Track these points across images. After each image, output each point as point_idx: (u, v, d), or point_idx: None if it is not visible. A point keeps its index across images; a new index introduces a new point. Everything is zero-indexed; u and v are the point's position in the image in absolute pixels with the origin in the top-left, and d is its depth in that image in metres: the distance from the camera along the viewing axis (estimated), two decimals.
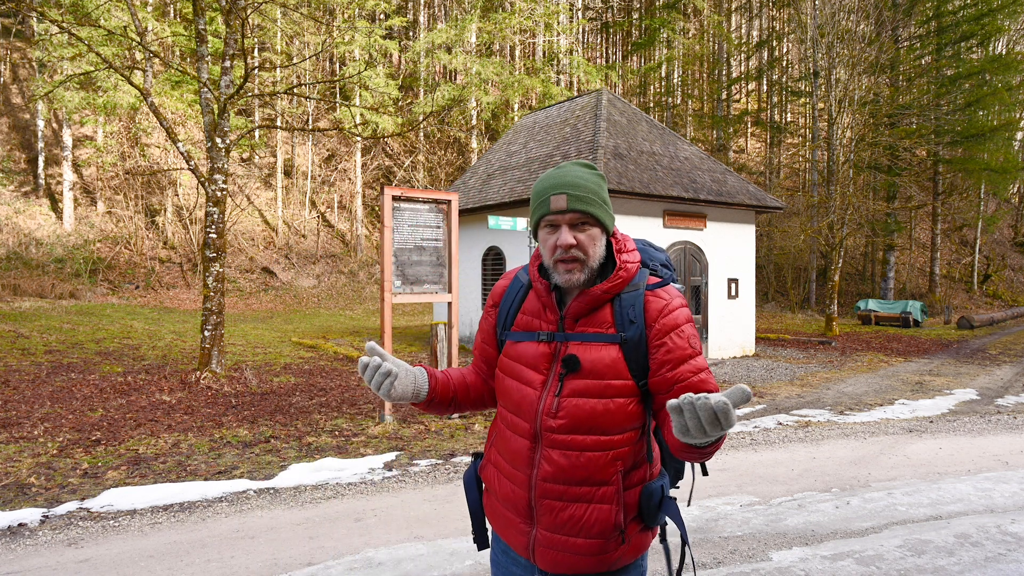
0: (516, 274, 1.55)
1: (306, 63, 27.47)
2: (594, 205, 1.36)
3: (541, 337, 1.41)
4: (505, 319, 1.51)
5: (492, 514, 1.51)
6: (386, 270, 6.60)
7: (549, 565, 1.39)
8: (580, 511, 1.34)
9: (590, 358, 1.35)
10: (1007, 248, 33.54)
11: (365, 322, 18.93)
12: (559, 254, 1.35)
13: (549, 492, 1.36)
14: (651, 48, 35.32)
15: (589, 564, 1.36)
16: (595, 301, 1.38)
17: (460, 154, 32.73)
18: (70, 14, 18.92)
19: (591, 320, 1.38)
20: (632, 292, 1.39)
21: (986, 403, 8.31)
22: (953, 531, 3.88)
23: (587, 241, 1.36)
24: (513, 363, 1.45)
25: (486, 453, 1.56)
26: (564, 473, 1.34)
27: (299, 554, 3.53)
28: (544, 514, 1.37)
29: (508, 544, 1.47)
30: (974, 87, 24.10)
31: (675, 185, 11.52)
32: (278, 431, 6.26)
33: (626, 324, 1.36)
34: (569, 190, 1.35)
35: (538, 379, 1.39)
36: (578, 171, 1.38)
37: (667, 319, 1.36)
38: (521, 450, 1.40)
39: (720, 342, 12.61)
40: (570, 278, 1.36)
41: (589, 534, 1.34)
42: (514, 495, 1.41)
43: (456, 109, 29.60)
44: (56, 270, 20.17)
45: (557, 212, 1.35)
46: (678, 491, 2.01)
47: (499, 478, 1.47)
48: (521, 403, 1.40)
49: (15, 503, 4.27)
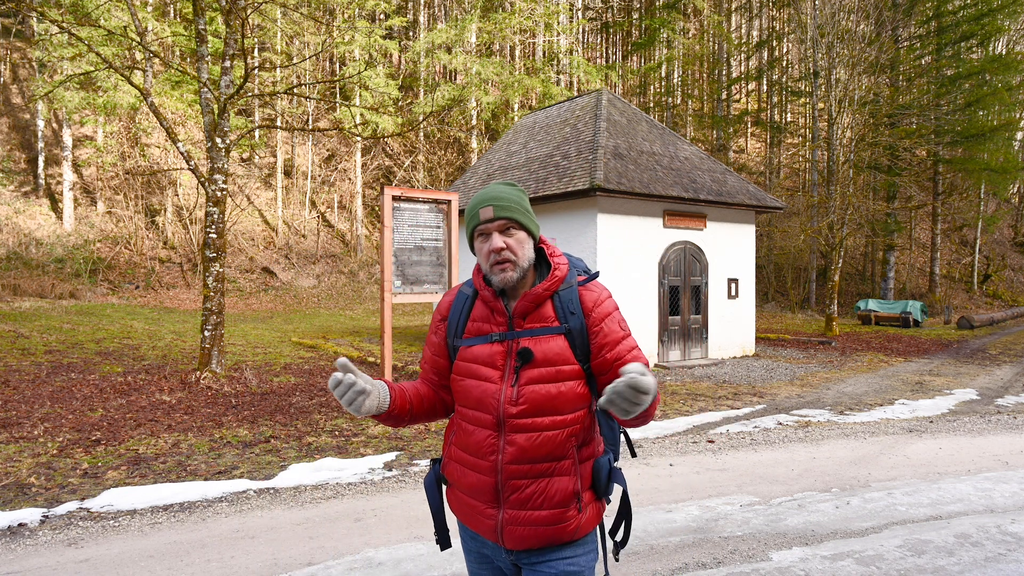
0: (460, 288, 1.73)
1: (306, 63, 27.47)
2: (517, 213, 1.56)
3: (494, 338, 1.58)
4: (456, 328, 1.66)
5: (458, 507, 1.66)
6: (386, 270, 6.60)
7: (515, 542, 1.54)
8: (543, 485, 1.52)
9: (541, 348, 1.54)
10: (1007, 248, 33.54)
11: (365, 322, 18.93)
12: (493, 258, 1.54)
13: (514, 473, 1.52)
14: (651, 48, 35.30)
15: (551, 534, 1.53)
16: (538, 299, 1.57)
17: (460, 154, 32.73)
18: (70, 14, 18.91)
19: (536, 316, 1.57)
20: (567, 289, 1.59)
21: (986, 403, 8.30)
22: (953, 531, 3.88)
23: (515, 244, 1.55)
24: (469, 364, 1.60)
25: (445, 453, 1.70)
26: (527, 453, 1.51)
27: (299, 554, 3.53)
28: (510, 493, 1.53)
29: (475, 531, 1.63)
30: (974, 87, 24.08)
31: (675, 185, 11.52)
32: (278, 431, 6.26)
33: (567, 316, 1.56)
34: (494, 202, 1.55)
35: (496, 374, 1.56)
36: (501, 188, 1.60)
37: (601, 308, 1.58)
38: (485, 440, 1.55)
39: (720, 342, 12.61)
40: (504, 276, 1.54)
41: (551, 504, 1.52)
42: (480, 483, 1.56)
43: (456, 109, 29.59)
44: (56, 270, 20.16)
45: (486, 221, 1.56)
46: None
47: (463, 471, 1.61)
48: (482, 397, 1.56)
49: (15, 503, 4.27)
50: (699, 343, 12.28)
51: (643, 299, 11.34)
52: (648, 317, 11.41)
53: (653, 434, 6.44)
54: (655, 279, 11.53)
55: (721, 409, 7.76)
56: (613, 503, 3.95)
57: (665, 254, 11.66)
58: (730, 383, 9.70)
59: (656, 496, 4.51)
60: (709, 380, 9.98)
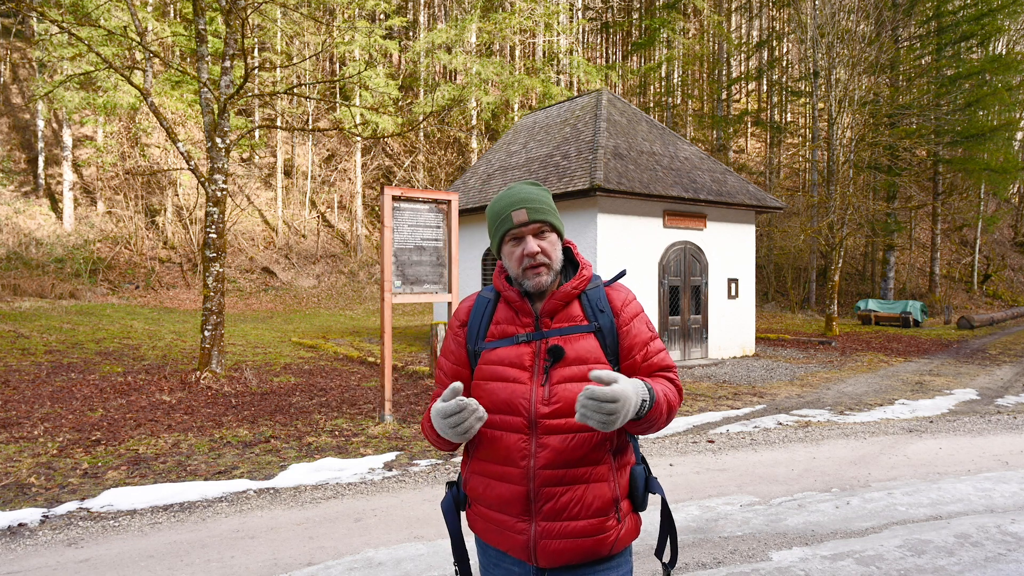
0: (479, 294, 1.66)
1: (306, 63, 27.46)
2: (551, 215, 1.53)
3: (520, 339, 1.52)
4: (477, 332, 1.60)
5: (483, 527, 1.54)
6: (386, 270, 6.60)
7: (550, 558, 1.44)
8: (579, 491, 1.43)
9: (572, 347, 1.49)
10: (1007, 248, 33.54)
11: (365, 322, 18.93)
12: (527, 262, 1.49)
13: (549, 479, 1.43)
14: (651, 48, 35.29)
15: (589, 547, 1.44)
16: (566, 298, 1.53)
17: (460, 154, 32.73)
18: (70, 14, 18.92)
19: (564, 315, 1.53)
20: (595, 288, 1.57)
21: (986, 403, 8.30)
22: (953, 531, 3.88)
23: (549, 247, 1.52)
24: (494, 367, 1.53)
25: (466, 470, 1.60)
26: (561, 456, 1.43)
27: (299, 554, 3.53)
28: (544, 502, 1.43)
29: (503, 551, 1.52)
30: (974, 87, 24.08)
31: (675, 185, 11.52)
32: (278, 431, 6.26)
33: (596, 314, 1.53)
34: (527, 204, 1.50)
35: (524, 375, 1.49)
36: (529, 188, 1.55)
37: (629, 308, 1.56)
38: (515, 444, 1.46)
39: (720, 342, 12.61)
40: (539, 281, 1.50)
41: (589, 512, 1.43)
42: (510, 493, 1.46)
43: (456, 109, 29.59)
44: (56, 270, 20.16)
45: (520, 225, 1.50)
46: None
47: (488, 484, 1.51)
48: (511, 399, 1.47)
49: (15, 503, 4.27)
50: (699, 343, 12.28)
51: (643, 299, 11.33)
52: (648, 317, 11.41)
53: (653, 434, 6.44)
54: (655, 279, 11.53)
55: (721, 409, 7.76)
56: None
57: (665, 254, 11.66)
58: (730, 383, 9.70)
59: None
60: (709, 380, 9.99)
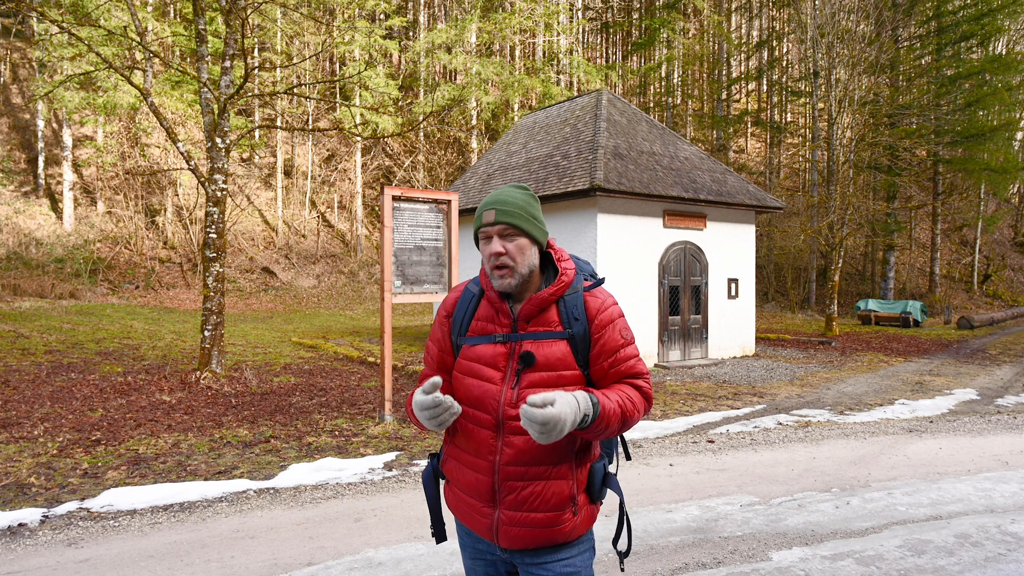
0: (466, 286, 1.72)
1: (306, 63, 27.46)
2: (519, 219, 1.54)
3: (497, 339, 1.58)
4: (460, 326, 1.66)
5: (455, 504, 1.66)
6: (386, 270, 6.60)
7: (510, 542, 1.55)
8: (540, 487, 1.51)
9: (543, 353, 1.53)
10: (1007, 248, 33.53)
11: (365, 322, 18.93)
12: (492, 261, 1.55)
13: (512, 474, 1.52)
14: (651, 48, 35.28)
15: (546, 535, 1.53)
16: (543, 303, 1.57)
17: (460, 154, 32.72)
18: (70, 14, 18.91)
19: (540, 320, 1.57)
20: (573, 294, 1.59)
21: (986, 403, 8.30)
22: (953, 531, 3.88)
23: (514, 250, 1.54)
24: (471, 363, 1.60)
25: (445, 449, 1.70)
26: (525, 455, 1.51)
27: (299, 554, 3.53)
28: (507, 494, 1.53)
29: (471, 528, 1.63)
30: (974, 87, 24.07)
31: (675, 185, 11.52)
32: (278, 431, 6.26)
33: (571, 321, 1.56)
34: (498, 206, 1.55)
35: (497, 375, 1.55)
36: (509, 191, 1.59)
37: (604, 315, 1.57)
38: (484, 439, 1.55)
39: (720, 342, 12.61)
40: (501, 283, 1.54)
41: (547, 507, 1.52)
42: (477, 482, 1.56)
43: (456, 109, 29.58)
44: (56, 270, 20.16)
45: (487, 225, 1.56)
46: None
47: (461, 469, 1.61)
48: (483, 398, 1.55)
49: (15, 503, 4.27)
50: (699, 343, 12.28)
51: (643, 299, 11.34)
52: (648, 317, 11.41)
53: (653, 434, 6.44)
54: (655, 279, 11.53)
55: (721, 409, 7.76)
56: (611, 508, 3.96)
57: (665, 254, 11.66)
58: (730, 383, 9.70)
59: (656, 496, 4.51)
60: (709, 380, 9.99)
